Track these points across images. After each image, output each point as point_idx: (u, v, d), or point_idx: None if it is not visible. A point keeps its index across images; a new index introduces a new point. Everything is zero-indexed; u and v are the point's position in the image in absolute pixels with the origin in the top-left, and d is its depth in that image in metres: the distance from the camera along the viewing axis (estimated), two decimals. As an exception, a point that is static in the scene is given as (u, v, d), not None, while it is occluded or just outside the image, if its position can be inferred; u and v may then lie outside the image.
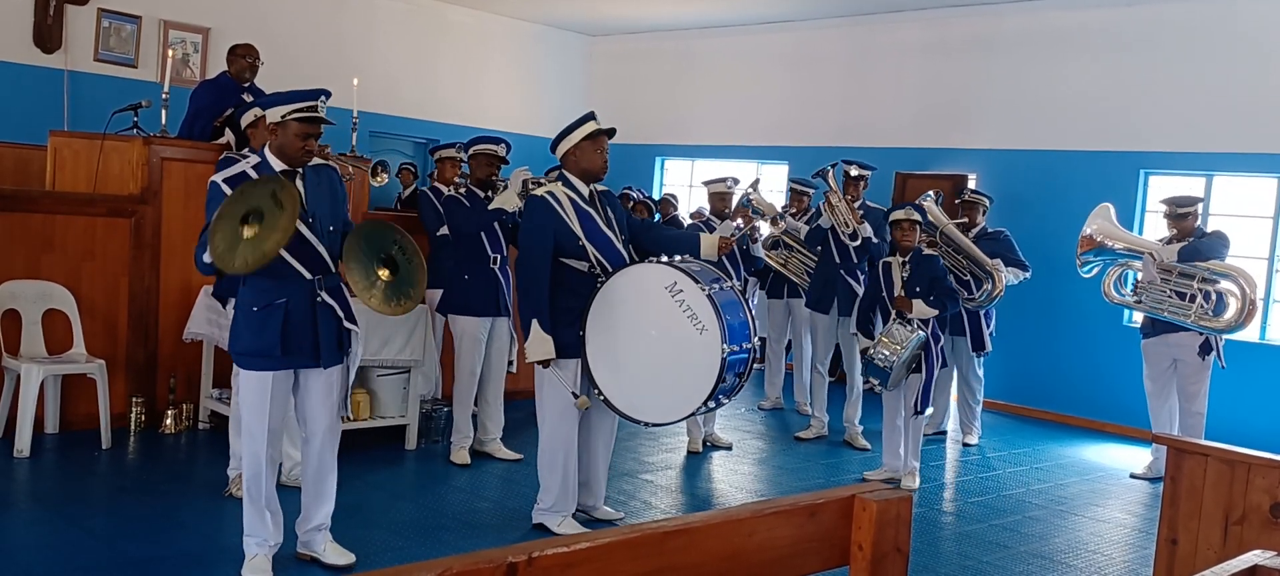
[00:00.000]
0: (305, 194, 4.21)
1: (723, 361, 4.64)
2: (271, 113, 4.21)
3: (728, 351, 4.65)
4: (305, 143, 4.18)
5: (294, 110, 4.16)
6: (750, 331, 4.85)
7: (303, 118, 4.16)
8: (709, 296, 4.68)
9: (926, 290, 6.42)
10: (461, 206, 6.33)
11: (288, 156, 4.20)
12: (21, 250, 6.10)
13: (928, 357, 6.44)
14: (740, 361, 4.77)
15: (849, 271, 7.59)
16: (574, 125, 5.08)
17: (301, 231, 4.14)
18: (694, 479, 6.68)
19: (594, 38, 13.69)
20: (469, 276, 6.29)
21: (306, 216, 4.18)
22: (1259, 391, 8.35)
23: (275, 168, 4.18)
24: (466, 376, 6.36)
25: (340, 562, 4.47)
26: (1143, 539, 5.97)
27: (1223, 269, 6.90)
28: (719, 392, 4.76)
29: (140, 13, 10.00)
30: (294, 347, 4.21)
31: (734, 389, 4.88)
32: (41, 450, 5.90)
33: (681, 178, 13.09)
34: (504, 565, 1.78)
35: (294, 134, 4.17)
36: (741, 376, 4.84)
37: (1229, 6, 8.78)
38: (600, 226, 5.01)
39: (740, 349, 4.75)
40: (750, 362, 4.85)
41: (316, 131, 4.22)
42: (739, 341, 4.74)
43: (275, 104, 4.23)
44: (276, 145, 4.20)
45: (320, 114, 4.21)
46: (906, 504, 2.42)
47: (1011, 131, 10.00)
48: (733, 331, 4.69)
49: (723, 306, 4.70)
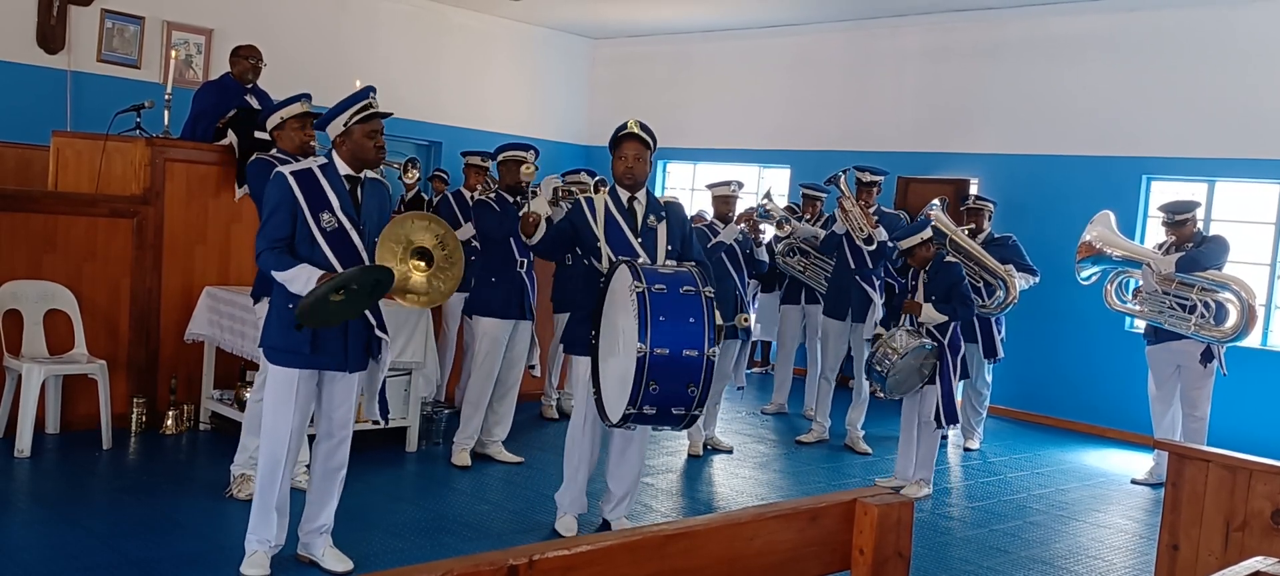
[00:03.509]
0: (362, 202, 4.34)
1: (640, 361, 4.39)
2: (333, 127, 4.31)
3: (640, 350, 4.38)
4: (375, 141, 4.30)
5: (352, 115, 4.27)
6: (702, 338, 4.46)
7: (363, 118, 4.27)
8: (639, 294, 4.44)
9: (942, 297, 6.37)
10: (491, 211, 6.36)
11: (363, 159, 4.31)
12: (23, 250, 6.11)
13: (944, 368, 6.36)
14: (674, 365, 4.44)
15: (864, 277, 7.58)
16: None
17: (351, 236, 4.27)
18: (695, 482, 6.67)
19: (596, 41, 13.70)
20: (496, 279, 6.34)
21: (359, 224, 4.30)
22: (1261, 398, 8.35)
23: (341, 172, 4.29)
24: (484, 378, 6.37)
25: (339, 569, 4.47)
26: (1144, 545, 5.96)
27: (1221, 279, 6.88)
28: (645, 400, 4.44)
29: (143, 14, 10.01)
30: (323, 348, 4.26)
31: (679, 400, 4.50)
32: (42, 450, 5.90)
33: (684, 181, 13.09)
34: (505, 567, 1.78)
35: (361, 137, 4.28)
36: (693, 387, 4.47)
37: (1231, 13, 8.78)
38: (624, 231, 5.02)
39: (671, 353, 4.43)
40: (701, 371, 4.47)
41: (379, 127, 4.33)
42: (672, 344, 4.44)
43: (332, 118, 4.32)
44: (347, 152, 4.30)
45: (376, 107, 4.32)
46: (908, 508, 2.42)
47: (1013, 136, 10.00)
48: (660, 331, 4.41)
49: (656, 304, 4.43)
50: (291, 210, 4.20)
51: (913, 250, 6.49)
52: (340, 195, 4.27)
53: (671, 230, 5.11)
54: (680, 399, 4.54)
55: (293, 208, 4.19)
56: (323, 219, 4.21)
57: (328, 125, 4.33)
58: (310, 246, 4.21)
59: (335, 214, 4.23)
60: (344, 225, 4.26)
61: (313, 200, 4.22)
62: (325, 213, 4.22)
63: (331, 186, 4.26)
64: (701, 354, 4.50)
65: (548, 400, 8.08)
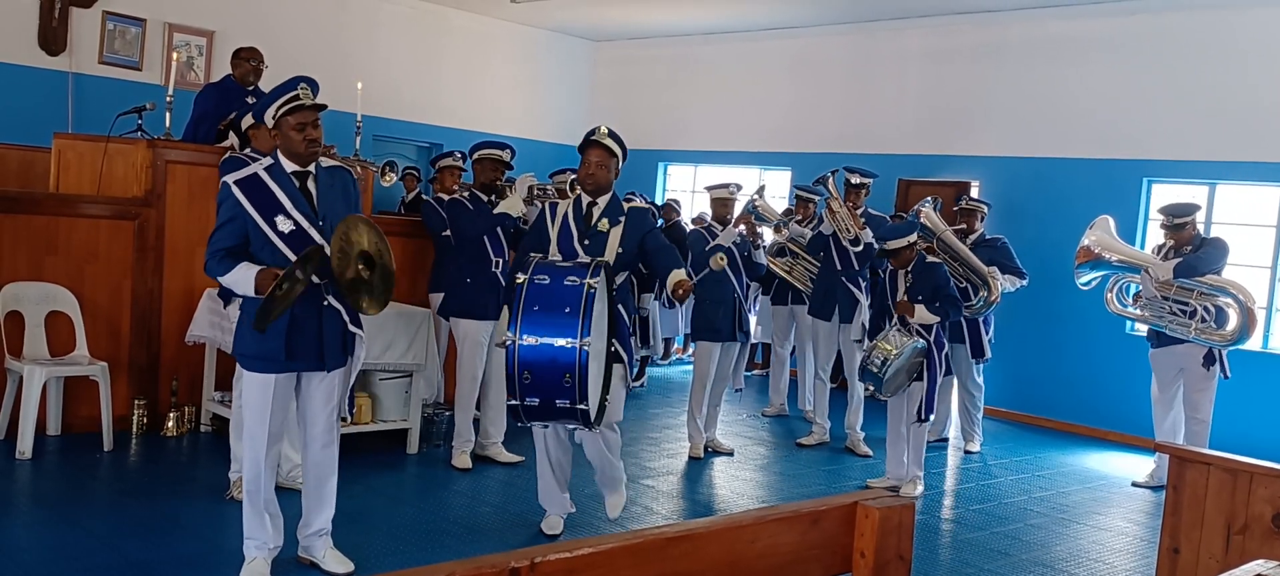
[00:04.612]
0: (318, 195, 4.20)
1: (509, 351, 4.51)
2: (265, 119, 4.19)
3: (509, 340, 4.52)
4: (303, 133, 4.13)
5: (280, 106, 4.14)
6: (576, 328, 4.50)
7: (291, 109, 4.13)
8: (519, 285, 4.57)
9: (929, 298, 6.41)
10: (465, 210, 6.35)
11: (295, 155, 4.17)
12: (25, 252, 6.11)
13: (930, 366, 6.42)
14: (544, 355, 4.50)
15: (850, 278, 7.60)
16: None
17: (311, 234, 4.14)
18: (696, 485, 6.67)
19: (597, 43, 13.70)
20: (471, 280, 6.32)
21: (317, 220, 4.17)
22: (1262, 401, 8.34)
23: (287, 169, 4.16)
24: (469, 381, 6.37)
25: (340, 571, 4.46)
26: (1145, 548, 5.96)
27: (1220, 284, 6.87)
28: (524, 392, 4.52)
29: (145, 16, 10.02)
30: (298, 351, 4.19)
31: (558, 392, 4.55)
32: (43, 452, 5.90)
33: (684, 183, 13.10)
34: (506, 570, 1.79)
35: (290, 129, 4.13)
36: (569, 377, 4.51)
37: (1232, 16, 8.78)
38: (572, 233, 5.02)
39: (541, 342, 4.49)
40: (574, 362, 4.51)
41: (311, 119, 4.15)
42: (541, 333, 4.51)
43: (264, 109, 4.21)
44: (283, 148, 4.18)
45: (304, 100, 4.15)
46: (909, 511, 2.43)
47: (1014, 139, 10.00)
48: (532, 321, 4.50)
49: (532, 295, 4.54)
50: (242, 222, 4.09)
51: (897, 252, 6.51)
52: (291, 194, 4.14)
53: (628, 233, 5.06)
54: (558, 390, 4.56)
55: (243, 219, 4.09)
56: (278, 222, 4.09)
57: (262, 116, 4.22)
58: (271, 252, 4.10)
59: (289, 214, 4.11)
60: (301, 225, 4.13)
61: (262, 206, 4.10)
62: (279, 216, 4.10)
63: (280, 186, 4.13)
64: (574, 344, 4.53)
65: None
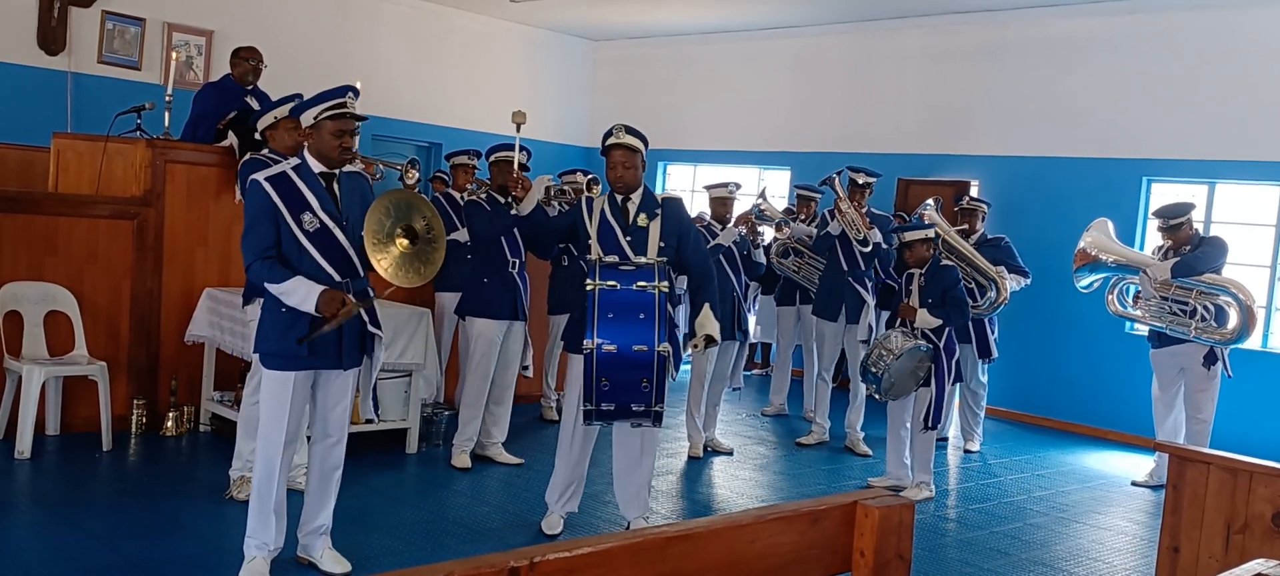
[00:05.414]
0: (341, 197, 4.28)
1: (588, 358, 4.71)
2: (304, 118, 4.26)
3: (587, 347, 4.71)
4: (341, 141, 4.23)
5: (324, 110, 4.22)
6: (652, 334, 4.72)
7: (334, 115, 4.21)
8: (590, 292, 4.77)
9: (938, 301, 6.37)
10: (482, 212, 6.35)
11: (326, 158, 4.25)
12: (24, 252, 6.11)
13: (939, 372, 6.36)
14: (622, 361, 4.71)
15: (857, 278, 7.58)
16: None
17: (335, 233, 4.23)
18: (695, 484, 6.67)
19: (597, 43, 13.70)
20: (487, 280, 6.33)
21: (341, 219, 4.25)
22: (1262, 400, 8.34)
23: (314, 170, 4.24)
24: (480, 380, 6.37)
25: (337, 571, 4.46)
26: (1145, 547, 5.96)
27: (1219, 283, 6.86)
28: (600, 397, 4.74)
29: (144, 15, 10.01)
30: (318, 348, 4.25)
31: (635, 397, 4.76)
32: (42, 452, 5.90)
33: (684, 183, 13.09)
34: (506, 570, 1.78)
35: (329, 134, 4.22)
36: (646, 382, 4.73)
37: (1232, 15, 8.78)
38: (615, 230, 5.06)
39: (620, 349, 4.71)
40: (652, 367, 4.73)
41: (350, 127, 4.25)
42: (620, 340, 4.72)
43: (306, 109, 4.28)
44: (315, 149, 4.25)
45: (350, 109, 4.25)
46: (909, 511, 2.42)
47: (1014, 138, 10.00)
48: (608, 327, 4.70)
49: (605, 301, 4.73)
50: (273, 218, 4.16)
51: (912, 245, 6.48)
52: (318, 194, 4.23)
53: (666, 227, 5.09)
54: (635, 394, 4.68)
55: (274, 215, 4.16)
56: (304, 220, 4.18)
57: (302, 114, 4.28)
58: (297, 250, 4.19)
59: (316, 213, 4.20)
60: (326, 224, 4.23)
61: (291, 203, 4.18)
62: (306, 213, 4.19)
63: (308, 186, 4.22)
64: (651, 349, 4.62)
65: (547, 402, 8.08)
